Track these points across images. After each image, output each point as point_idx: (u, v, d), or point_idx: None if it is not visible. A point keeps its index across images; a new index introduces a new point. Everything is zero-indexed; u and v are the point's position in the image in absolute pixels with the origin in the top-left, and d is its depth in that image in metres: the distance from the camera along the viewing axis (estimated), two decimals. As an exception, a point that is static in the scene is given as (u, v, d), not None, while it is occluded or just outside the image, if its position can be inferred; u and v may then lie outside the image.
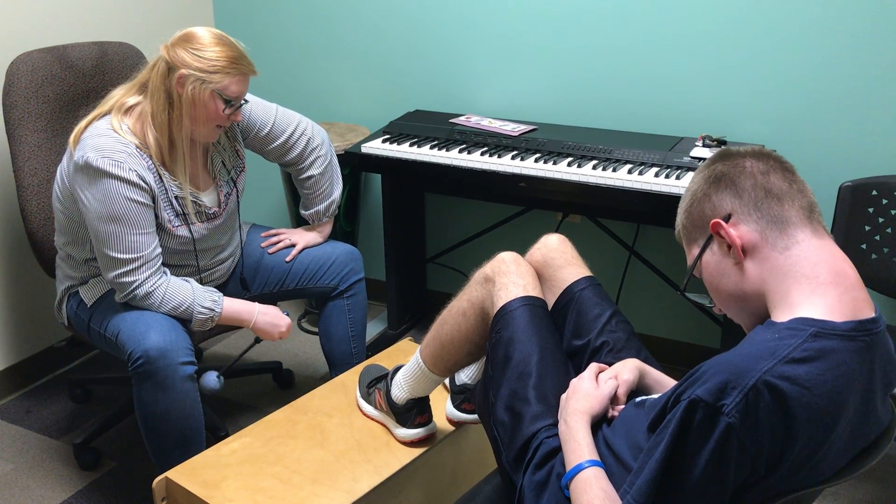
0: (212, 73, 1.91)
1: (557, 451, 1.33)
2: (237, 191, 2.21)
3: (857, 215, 2.25)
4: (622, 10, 2.59)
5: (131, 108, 1.98)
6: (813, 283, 1.15)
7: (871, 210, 2.25)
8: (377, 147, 2.66)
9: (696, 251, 1.27)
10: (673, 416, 1.09)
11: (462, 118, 2.82)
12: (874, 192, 2.24)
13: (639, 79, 2.63)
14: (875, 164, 2.39)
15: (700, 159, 2.37)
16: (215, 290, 2.10)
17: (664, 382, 1.47)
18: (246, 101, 2.06)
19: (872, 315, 1.15)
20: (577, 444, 1.29)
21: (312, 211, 2.39)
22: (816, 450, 1.10)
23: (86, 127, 1.95)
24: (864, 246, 2.26)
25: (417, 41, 2.93)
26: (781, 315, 1.15)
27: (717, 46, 2.50)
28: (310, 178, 2.34)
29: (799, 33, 2.39)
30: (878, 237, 2.24)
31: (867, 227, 2.25)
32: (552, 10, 2.68)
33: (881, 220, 2.24)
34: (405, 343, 2.33)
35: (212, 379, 2.04)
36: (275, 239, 2.37)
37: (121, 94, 2.00)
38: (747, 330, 1.26)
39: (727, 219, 1.21)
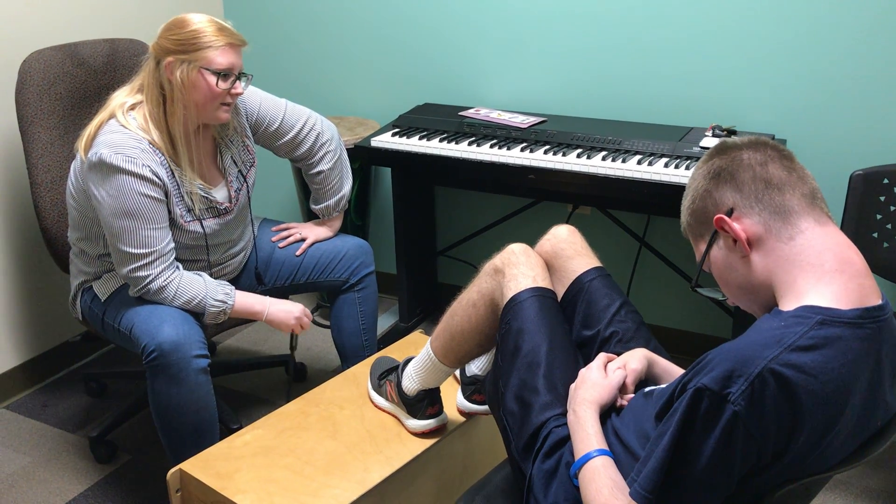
0: (193, 52, 1.92)
1: (566, 440, 1.34)
2: (248, 186, 2.22)
3: (869, 204, 2.24)
4: (631, 1, 2.58)
5: (134, 106, 1.99)
6: (819, 272, 1.14)
7: (882, 198, 2.24)
8: (387, 141, 2.67)
9: (703, 247, 1.27)
10: (679, 404, 1.10)
11: (471, 111, 2.82)
12: (885, 181, 2.23)
13: (648, 69, 2.63)
14: (886, 153, 2.37)
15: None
16: (227, 283, 2.11)
17: (672, 372, 1.48)
18: (245, 75, 2.03)
19: (879, 302, 1.15)
20: (586, 433, 1.29)
21: (323, 205, 2.40)
22: (823, 437, 1.10)
23: (96, 132, 1.96)
24: (875, 234, 2.25)
25: (426, 34, 2.93)
26: (788, 304, 1.15)
27: (726, 36, 2.49)
28: (320, 173, 2.35)
29: (809, 23, 2.38)
30: (889, 225, 2.23)
31: (878, 216, 2.24)
32: (561, 2, 2.68)
33: (892, 208, 2.23)
34: (416, 336, 2.34)
35: None
36: (285, 233, 2.38)
37: (121, 96, 2.02)
38: None
39: (730, 213, 1.21)
